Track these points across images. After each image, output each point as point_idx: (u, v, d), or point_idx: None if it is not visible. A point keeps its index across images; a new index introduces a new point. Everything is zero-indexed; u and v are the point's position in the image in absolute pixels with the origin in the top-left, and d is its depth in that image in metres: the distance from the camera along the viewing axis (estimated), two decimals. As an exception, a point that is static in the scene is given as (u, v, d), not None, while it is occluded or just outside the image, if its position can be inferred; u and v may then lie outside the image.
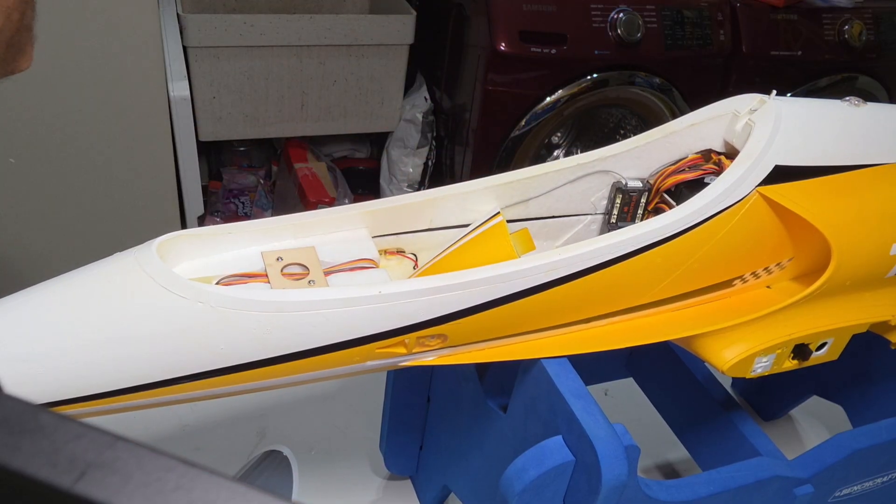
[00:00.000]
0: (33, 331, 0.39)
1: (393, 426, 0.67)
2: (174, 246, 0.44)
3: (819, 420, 0.84)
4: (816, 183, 0.50)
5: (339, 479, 0.72)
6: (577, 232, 0.55)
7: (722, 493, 0.49)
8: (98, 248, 0.45)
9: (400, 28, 1.44)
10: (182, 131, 1.24)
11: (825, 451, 0.54)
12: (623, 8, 1.44)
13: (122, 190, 1.36)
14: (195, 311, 0.39)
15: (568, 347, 0.49)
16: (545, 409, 0.48)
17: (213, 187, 1.83)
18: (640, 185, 0.53)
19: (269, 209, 1.87)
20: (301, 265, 0.45)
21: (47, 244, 1.34)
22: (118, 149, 1.20)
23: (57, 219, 1.34)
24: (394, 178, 1.74)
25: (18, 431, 0.17)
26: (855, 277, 0.53)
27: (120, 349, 0.39)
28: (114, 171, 1.29)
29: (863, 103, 0.54)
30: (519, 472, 0.45)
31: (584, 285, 0.46)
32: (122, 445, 0.17)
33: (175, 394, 0.42)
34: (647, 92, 1.56)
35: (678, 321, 0.52)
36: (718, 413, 0.60)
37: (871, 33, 1.67)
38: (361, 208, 0.49)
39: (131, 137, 1.20)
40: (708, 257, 0.48)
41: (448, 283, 0.42)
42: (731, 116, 0.52)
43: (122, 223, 1.37)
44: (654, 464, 0.78)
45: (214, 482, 0.17)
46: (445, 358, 0.47)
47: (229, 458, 0.72)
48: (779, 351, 0.52)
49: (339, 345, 0.42)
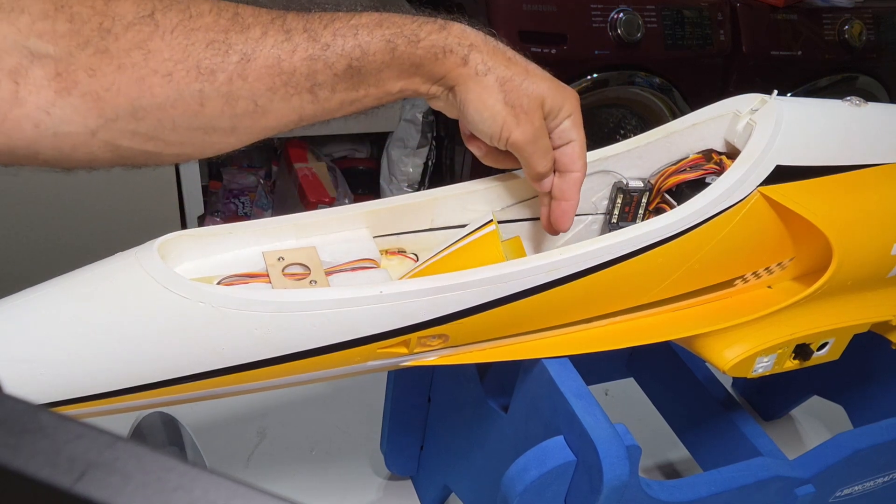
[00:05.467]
0: (33, 331, 0.39)
1: (394, 426, 0.67)
2: (175, 246, 0.44)
3: (820, 420, 0.84)
4: (818, 183, 0.50)
5: (339, 479, 0.72)
6: (578, 232, 0.55)
7: (723, 493, 0.49)
8: (98, 249, 0.45)
9: (400, 28, 1.44)
10: (182, 131, 1.24)
11: (826, 451, 0.54)
12: (623, 8, 1.45)
13: (122, 190, 1.36)
14: (196, 311, 0.39)
15: (569, 347, 0.49)
16: (546, 409, 0.48)
17: (213, 187, 1.83)
18: (641, 185, 0.53)
19: (269, 209, 1.87)
20: (302, 265, 0.45)
21: (47, 244, 1.34)
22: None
23: (57, 219, 1.34)
24: (394, 178, 1.74)
25: (18, 431, 0.17)
26: (856, 277, 0.53)
27: (121, 349, 0.39)
28: (114, 171, 1.29)
29: (864, 103, 0.54)
30: (520, 472, 0.45)
31: (585, 285, 0.46)
32: (122, 445, 0.17)
33: (175, 394, 0.42)
34: (647, 92, 1.56)
35: (679, 321, 0.52)
36: (719, 413, 0.60)
37: (871, 33, 1.67)
38: (362, 208, 0.49)
39: (131, 137, 1.20)
40: (709, 257, 0.48)
41: (449, 283, 0.42)
42: (731, 116, 0.52)
43: (122, 223, 1.37)
44: (655, 464, 0.78)
45: (215, 482, 0.17)
46: (447, 358, 0.47)
47: (229, 458, 0.72)
48: (780, 351, 0.52)
49: (340, 345, 0.42)
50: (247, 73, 0.40)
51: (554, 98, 0.45)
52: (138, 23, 0.38)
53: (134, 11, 0.38)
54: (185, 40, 0.39)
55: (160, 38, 0.38)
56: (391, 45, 0.41)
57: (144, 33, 0.38)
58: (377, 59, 0.42)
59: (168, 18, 0.38)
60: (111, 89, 0.38)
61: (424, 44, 0.42)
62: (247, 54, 0.39)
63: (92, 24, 0.37)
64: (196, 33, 0.39)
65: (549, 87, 0.45)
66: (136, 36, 0.38)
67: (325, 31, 0.41)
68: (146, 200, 1.39)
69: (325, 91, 0.42)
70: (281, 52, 0.40)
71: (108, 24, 0.37)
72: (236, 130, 0.42)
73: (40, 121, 0.37)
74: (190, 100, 0.39)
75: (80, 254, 0.46)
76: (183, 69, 0.39)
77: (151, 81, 0.38)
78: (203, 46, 0.39)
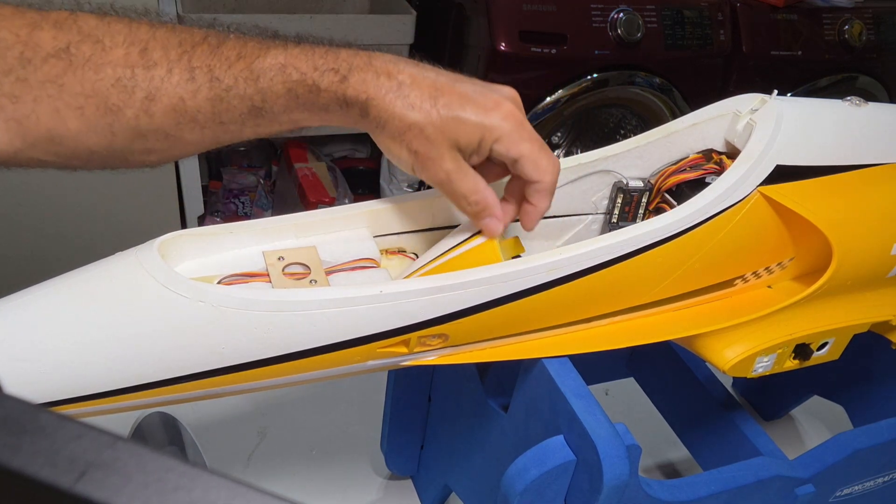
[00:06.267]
0: (33, 330, 0.39)
1: (394, 426, 0.67)
2: (175, 245, 0.44)
3: (820, 420, 0.84)
4: (818, 183, 0.50)
5: (339, 479, 0.72)
6: (578, 232, 0.55)
7: (723, 492, 0.49)
8: (98, 248, 0.45)
9: (400, 28, 1.44)
10: (182, 131, 1.24)
11: (826, 450, 0.54)
12: (623, 8, 1.44)
13: (122, 190, 1.36)
14: (196, 311, 0.39)
15: (569, 347, 0.49)
16: (546, 409, 0.48)
17: (213, 187, 1.83)
18: (642, 185, 0.53)
19: (269, 209, 1.87)
20: (302, 265, 0.45)
21: (47, 244, 1.34)
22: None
23: (57, 219, 1.34)
24: (394, 178, 1.74)
25: (18, 431, 0.17)
26: (856, 277, 0.53)
27: (121, 348, 0.39)
28: (114, 171, 1.29)
29: (864, 103, 0.54)
30: (520, 472, 0.45)
31: (585, 285, 0.46)
32: (122, 445, 0.17)
33: (175, 394, 0.42)
34: (647, 92, 1.56)
35: (679, 321, 0.52)
36: (719, 413, 0.60)
37: (871, 33, 1.67)
38: (363, 208, 0.49)
39: (131, 137, 1.20)
40: (709, 257, 0.48)
41: (449, 282, 0.42)
42: (732, 116, 0.52)
43: (122, 223, 1.37)
44: (655, 463, 0.78)
45: (215, 482, 0.17)
46: (446, 357, 0.47)
47: (229, 458, 0.72)
48: (780, 351, 0.52)
49: (340, 344, 0.42)
50: (153, 111, 0.41)
51: (470, 131, 0.41)
52: (54, 56, 0.39)
53: (52, 44, 0.40)
54: (94, 76, 0.40)
55: (72, 73, 0.40)
56: (292, 93, 0.41)
57: (59, 67, 0.40)
58: (280, 104, 0.41)
59: (81, 52, 0.40)
60: (30, 117, 0.40)
61: (324, 95, 0.41)
62: (151, 93, 0.40)
63: (14, 52, 0.39)
64: (105, 69, 0.40)
65: (466, 117, 0.41)
66: (51, 70, 0.40)
67: (228, 73, 0.41)
68: (146, 200, 1.39)
69: (234, 125, 0.42)
70: (184, 92, 0.41)
71: (29, 53, 0.39)
72: (154, 152, 0.43)
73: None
74: (102, 132, 0.41)
75: (80, 254, 0.46)
76: (93, 104, 0.40)
77: (65, 114, 0.40)
78: (110, 83, 0.40)
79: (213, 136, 0.43)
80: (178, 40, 0.41)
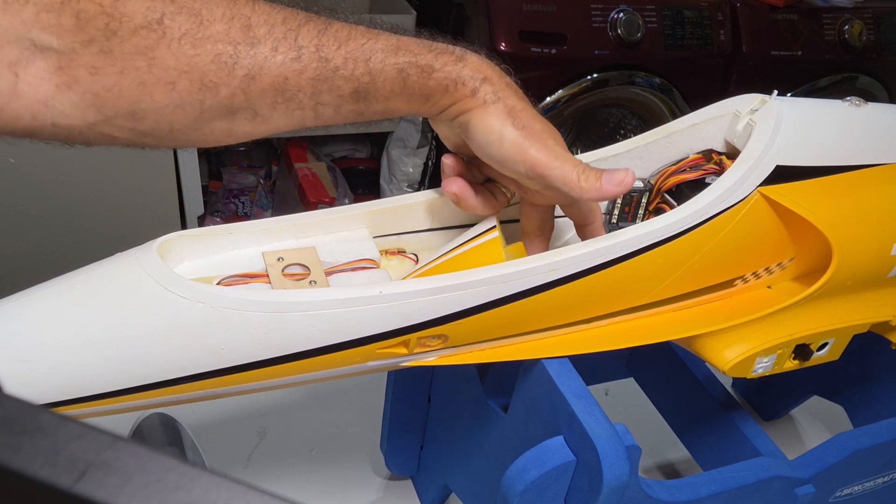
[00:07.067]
0: (33, 331, 0.39)
1: (393, 426, 0.67)
2: (175, 246, 0.44)
3: (819, 420, 0.84)
4: (817, 183, 0.50)
5: (339, 479, 0.72)
6: (578, 232, 0.55)
7: (723, 493, 0.49)
8: (98, 248, 0.45)
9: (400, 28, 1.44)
10: (182, 131, 1.24)
11: (826, 451, 0.54)
12: (623, 8, 1.45)
13: (122, 190, 1.36)
14: (196, 312, 0.39)
15: (569, 348, 0.49)
16: (546, 410, 0.48)
17: (213, 187, 1.83)
18: (641, 186, 0.53)
19: (269, 209, 1.87)
20: (302, 265, 0.45)
21: (47, 244, 1.34)
22: (118, 149, 1.20)
23: (57, 219, 1.34)
24: (394, 178, 1.74)
25: (18, 431, 0.17)
26: (856, 277, 0.53)
27: (120, 349, 0.39)
28: (114, 171, 1.29)
29: (864, 103, 0.54)
30: (520, 473, 0.45)
31: (585, 285, 0.46)
32: (122, 445, 0.17)
33: (175, 394, 0.42)
34: (647, 92, 1.56)
35: (679, 321, 0.52)
36: (719, 413, 0.60)
37: (871, 33, 1.67)
38: (362, 208, 0.49)
39: (131, 137, 1.20)
40: (709, 257, 0.48)
41: (449, 283, 0.42)
42: (731, 116, 0.52)
43: (122, 223, 1.37)
44: (655, 464, 0.78)
45: (215, 482, 0.17)
46: (446, 358, 0.47)
47: (229, 458, 0.72)
48: (780, 351, 0.52)
49: (340, 345, 0.42)
50: (251, 90, 0.39)
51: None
52: (145, 27, 0.37)
53: (142, 14, 0.37)
54: (192, 50, 0.38)
55: (166, 47, 0.37)
56: (403, 74, 0.41)
57: (150, 39, 0.37)
58: (386, 87, 0.41)
59: (177, 24, 0.37)
60: (112, 90, 0.38)
61: (437, 75, 0.41)
62: (253, 71, 0.39)
63: (97, 23, 0.37)
64: (204, 44, 0.38)
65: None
66: (141, 41, 0.37)
67: (337, 53, 0.40)
68: (146, 200, 1.39)
69: (328, 109, 0.41)
70: (289, 71, 0.39)
71: (115, 25, 0.37)
72: (233, 133, 0.42)
73: (38, 112, 0.37)
74: (190, 108, 0.39)
75: (80, 254, 0.46)
76: (186, 80, 0.38)
77: (153, 88, 0.38)
78: (210, 59, 0.38)
79: (301, 118, 0.42)
80: (282, 17, 0.39)
